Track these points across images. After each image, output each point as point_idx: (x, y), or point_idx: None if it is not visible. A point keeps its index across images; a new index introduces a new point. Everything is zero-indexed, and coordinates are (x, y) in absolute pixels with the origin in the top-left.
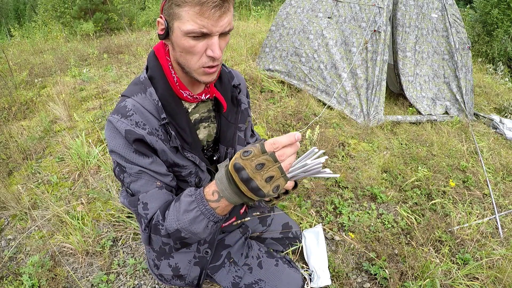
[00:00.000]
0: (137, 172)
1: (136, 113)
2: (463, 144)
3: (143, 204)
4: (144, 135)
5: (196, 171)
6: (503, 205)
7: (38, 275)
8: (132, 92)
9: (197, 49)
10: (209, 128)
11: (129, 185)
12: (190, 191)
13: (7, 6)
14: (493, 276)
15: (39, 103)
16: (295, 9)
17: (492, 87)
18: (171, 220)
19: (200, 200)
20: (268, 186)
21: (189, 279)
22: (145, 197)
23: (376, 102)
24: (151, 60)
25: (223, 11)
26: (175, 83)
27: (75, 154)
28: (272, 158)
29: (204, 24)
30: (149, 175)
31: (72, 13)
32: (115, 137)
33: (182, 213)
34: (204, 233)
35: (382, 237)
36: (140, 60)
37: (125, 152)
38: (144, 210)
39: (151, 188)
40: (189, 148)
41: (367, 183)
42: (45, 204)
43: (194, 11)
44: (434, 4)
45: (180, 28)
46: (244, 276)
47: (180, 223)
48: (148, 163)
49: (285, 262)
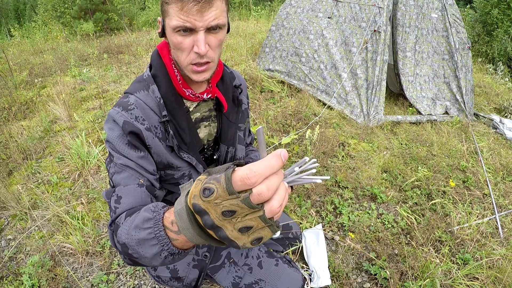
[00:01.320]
0: (123, 164)
1: (137, 107)
2: (463, 144)
3: (117, 197)
4: (142, 130)
5: (190, 173)
6: (503, 205)
7: (38, 275)
8: (135, 89)
9: (185, 45)
10: (209, 127)
11: (112, 176)
12: (156, 206)
13: (7, 6)
14: (493, 276)
15: (39, 103)
16: (295, 9)
17: (492, 87)
18: (123, 230)
19: (157, 222)
20: (244, 238)
21: (187, 281)
22: (121, 190)
23: (376, 102)
24: (154, 58)
25: (203, 5)
26: (178, 81)
27: (75, 154)
28: (246, 204)
29: (186, 19)
30: (134, 170)
31: (72, 13)
32: (112, 128)
33: (133, 228)
34: (155, 261)
35: (382, 237)
36: (140, 60)
37: (117, 142)
38: (116, 203)
39: (131, 183)
40: (186, 149)
41: (367, 183)
42: (45, 204)
43: (177, 6)
44: (434, 4)
45: (169, 25)
46: (244, 276)
47: (128, 239)
48: (137, 156)
49: (285, 262)
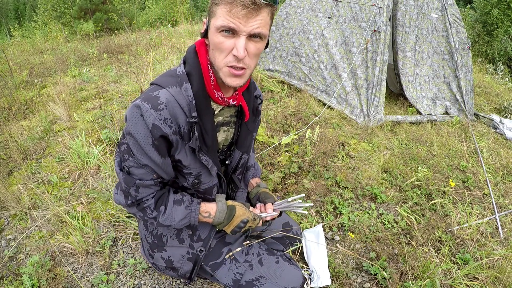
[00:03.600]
0: (144, 163)
1: (166, 108)
2: (463, 144)
3: (136, 188)
4: (169, 134)
5: (199, 174)
6: (503, 205)
7: (38, 275)
8: (167, 83)
9: (225, 46)
10: (227, 132)
11: (130, 167)
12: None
13: (7, 6)
14: (493, 276)
15: (39, 103)
16: (295, 9)
17: (492, 87)
18: (166, 218)
19: (194, 213)
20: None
21: (182, 272)
22: (140, 184)
23: (376, 102)
24: (190, 56)
25: (250, 11)
26: (211, 82)
27: (75, 154)
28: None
29: (232, 20)
30: (151, 168)
31: (72, 13)
32: (138, 123)
33: (177, 222)
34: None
35: (382, 237)
36: (140, 60)
37: (143, 141)
38: (135, 192)
39: (148, 178)
40: (206, 151)
41: (367, 183)
42: (45, 204)
43: (226, 8)
44: (434, 4)
45: (214, 25)
46: (245, 273)
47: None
48: (159, 160)
49: (285, 259)
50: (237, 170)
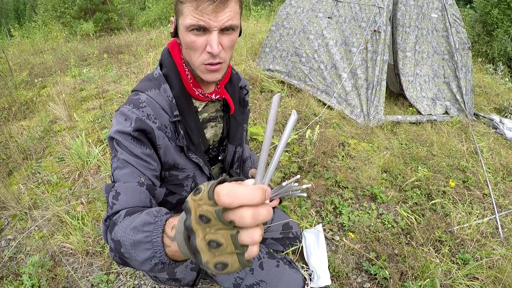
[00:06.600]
0: (126, 159)
1: (148, 105)
2: (463, 144)
3: (115, 193)
4: (154, 129)
5: (194, 175)
6: (503, 205)
7: (38, 275)
8: (145, 87)
9: (198, 45)
10: (216, 128)
11: (114, 171)
12: (159, 211)
13: (7, 6)
14: (493, 276)
15: (39, 103)
16: (295, 9)
17: (492, 87)
18: (120, 228)
19: (158, 227)
20: (209, 255)
21: (185, 282)
22: (121, 186)
23: (376, 102)
24: (165, 57)
25: (217, 4)
26: (189, 80)
27: (75, 154)
28: (217, 215)
29: (201, 18)
30: (135, 168)
31: (72, 13)
32: (121, 122)
33: (131, 229)
34: (145, 266)
35: (382, 237)
36: (140, 60)
37: (124, 137)
38: (114, 199)
39: (131, 180)
40: (194, 149)
41: (367, 183)
42: (45, 204)
43: (192, 6)
44: (434, 4)
45: (183, 24)
46: (245, 277)
47: (124, 237)
48: (142, 152)
49: (286, 263)
50: (233, 164)
